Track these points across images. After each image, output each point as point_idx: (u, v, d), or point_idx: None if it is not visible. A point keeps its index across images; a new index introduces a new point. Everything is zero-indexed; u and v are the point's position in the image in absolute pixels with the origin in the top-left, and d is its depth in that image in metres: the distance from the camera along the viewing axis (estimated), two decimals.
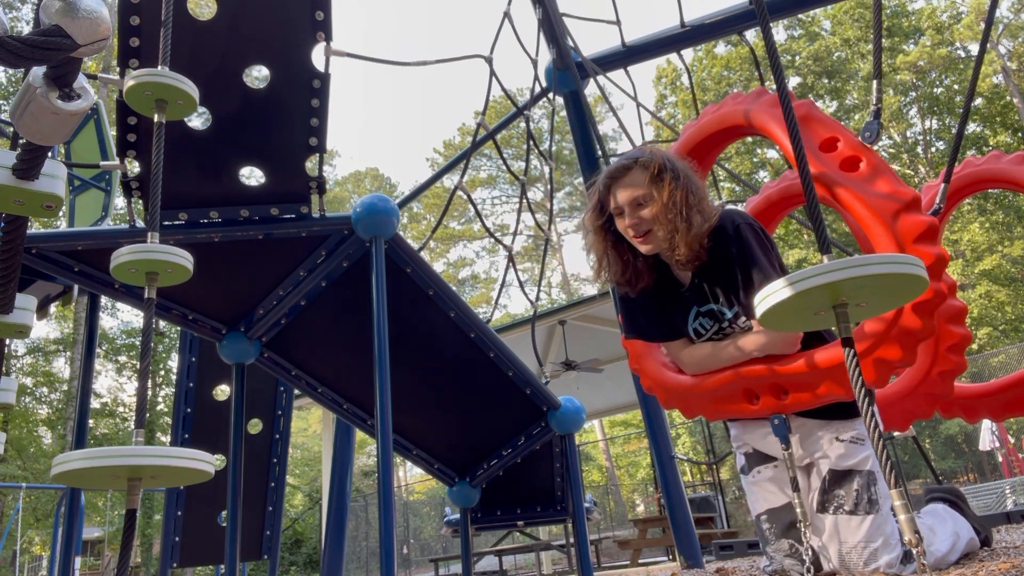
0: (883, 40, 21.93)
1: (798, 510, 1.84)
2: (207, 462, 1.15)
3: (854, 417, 1.90)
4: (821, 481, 1.87)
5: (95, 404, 21.06)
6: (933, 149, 22.33)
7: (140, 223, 2.39)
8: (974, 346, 16.94)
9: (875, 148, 1.97)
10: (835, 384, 1.76)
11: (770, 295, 1.15)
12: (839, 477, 1.84)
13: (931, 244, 1.73)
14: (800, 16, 22.24)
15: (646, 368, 2.21)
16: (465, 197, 5.30)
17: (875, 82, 2.25)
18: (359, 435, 7.90)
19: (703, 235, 1.86)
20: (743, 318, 1.91)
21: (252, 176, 2.37)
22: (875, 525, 1.77)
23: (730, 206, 2.11)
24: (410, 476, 28.14)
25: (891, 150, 22.59)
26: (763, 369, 1.86)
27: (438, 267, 32.01)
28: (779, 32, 23.54)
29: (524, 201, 4.98)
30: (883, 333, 1.73)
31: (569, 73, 5.43)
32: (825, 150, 1.93)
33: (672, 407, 2.17)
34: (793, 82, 22.95)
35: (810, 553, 1.84)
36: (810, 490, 1.92)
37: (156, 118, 1.41)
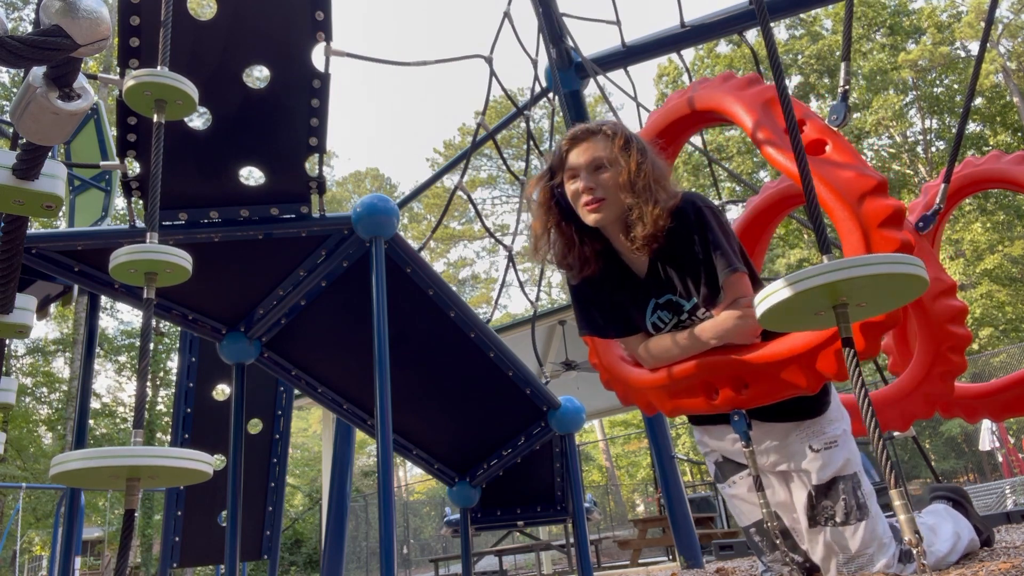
0: (884, 39, 21.97)
1: (763, 511, 1.78)
2: (206, 462, 1.15)
3: (818, 416, 1.83)
4: (807, 497, 1.81)
5: (95, 404, 21.07)
6: (933, 149, 22.32)
7: (140, 223, 2.38)
8: (975, 346, 16.94)
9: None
10: (795, 374, 1.71)
11: (770, 295, 1.15)
12: (824, 489, 1.79)
13: (896, 229, 1.67)
14: (801, 16, 22.23)
15: (604, 362, 2.15)
16: (465, 197, 5.30)
17: (843, 64, 2.22)
18: (359, 435, 7.90)
19: (667, 213, 1.75)
20: (702, 309, 1.82)
21: (252, 176, 2.37)
22: (868, 530, 1.75)
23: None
24: (410, 476, 28.15)
25: (891, 150, 22.59)
26: (722, 360, 1.80)
27: (438, 267, 32.01)
28: (780, 31, 23.54)
29: (524, 201, 4.97)
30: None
31: (569, 73, 5.43)
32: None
33: (631, 403, 2.09)
34: (794, 80, 22.95)
35: (795, 557, 1.84)
36: (793, 501, 1.87)
37: (156, 118, 1.41)
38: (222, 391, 4.11)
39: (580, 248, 1.90)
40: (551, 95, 5.70)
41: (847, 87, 2.17)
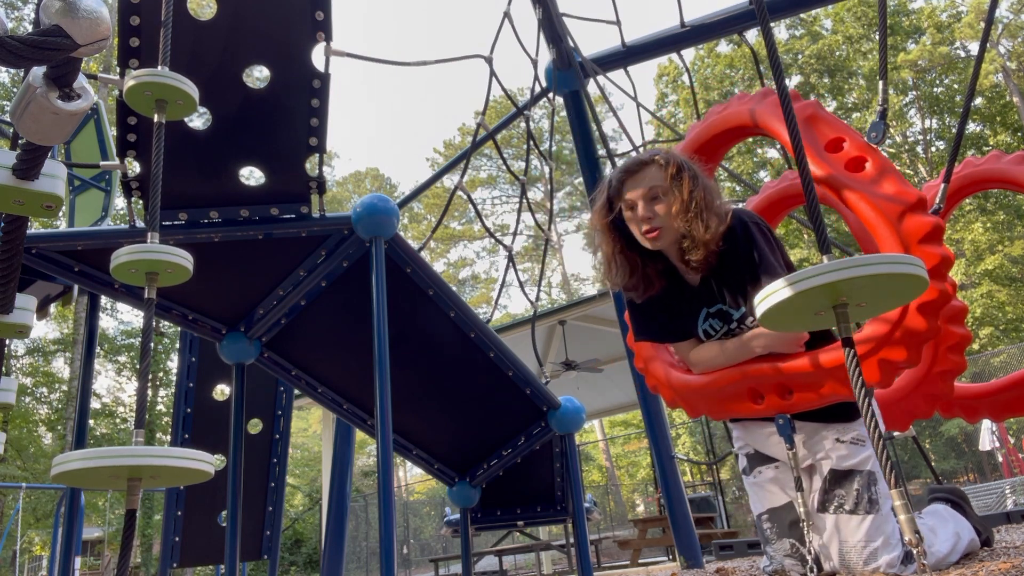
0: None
1: (800, 510, 1.85)
2: (207, 462, 1.15)
3: (854, 419, 1.91)
4: (822, 481, 1.88)
5: (95, 404, 21.06)
6: (933, 149, 22.31)
7: (140, 223, 2.38)
8: (975, 346, 16.93)
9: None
10: (839, 384, 1.76)
11: (770, 295, 1.15)
12: (840, 477, 1.85)
13: (936, 244, 1.74)
14: (801, 16, 22.22)
15: (652, 368, 2.21)
16: (465, 197, 5.31)
17: (881, 83, 2.25)
18: (359, 435, 7.91)
19: (719, 238, 1.86)
20: (751, 318, 1.92)
21: (252, 176, 2.37)
22: (875, 525, 1.78)
23: (740, 205, 2.12)
24: (410, 476, 28.14)
25: (891, 150, 22.57)
26: (768, 369, 1.86)
27: (438, 267, 32.01)
28: (780, 31, 23.53)
29: (524, 201, 4.98)
30: (888, 334, 1.73)
31: (569, 73, 5.43)
32: (831, 150, 1.93)
33: (677, 406, 2.18)
34: (794, 80, 22.95)
35: (812, 553, 1.85)
36: (811, 490, 1.92)
37: (156, 118, 1.41)
38: (222, 391, 4.11)
39: (643, 270, 2.02)
40: (551, 95, 5.70)
41: (885, 106, 2.18)
